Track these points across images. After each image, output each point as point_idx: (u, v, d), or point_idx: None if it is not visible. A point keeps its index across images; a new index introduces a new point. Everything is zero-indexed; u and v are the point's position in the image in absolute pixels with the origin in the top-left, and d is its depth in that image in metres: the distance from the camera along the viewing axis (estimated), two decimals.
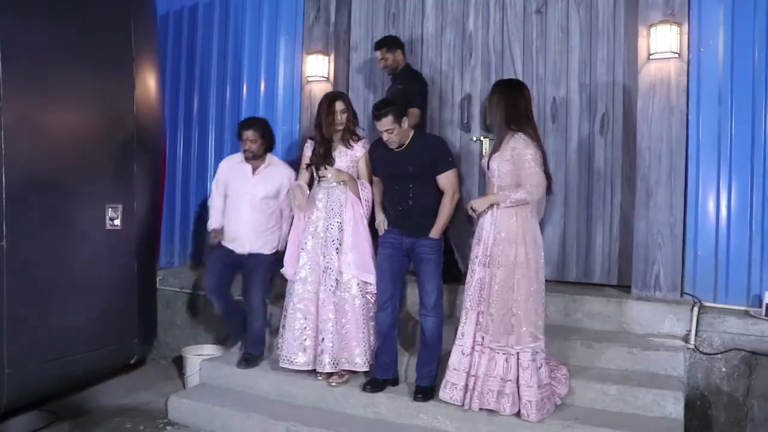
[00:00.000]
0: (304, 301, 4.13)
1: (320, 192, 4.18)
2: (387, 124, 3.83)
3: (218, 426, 4.10)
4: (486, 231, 3.61)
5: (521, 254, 3.51)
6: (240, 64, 5.70)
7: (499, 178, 3.59)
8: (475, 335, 3.59)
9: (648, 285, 4.22)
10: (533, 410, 3.48)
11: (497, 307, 3.51)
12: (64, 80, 4.23)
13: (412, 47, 5.27)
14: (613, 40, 4.59)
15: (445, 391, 3.67)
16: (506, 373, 3.53)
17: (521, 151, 3.53)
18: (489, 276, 3.55)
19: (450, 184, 3.89)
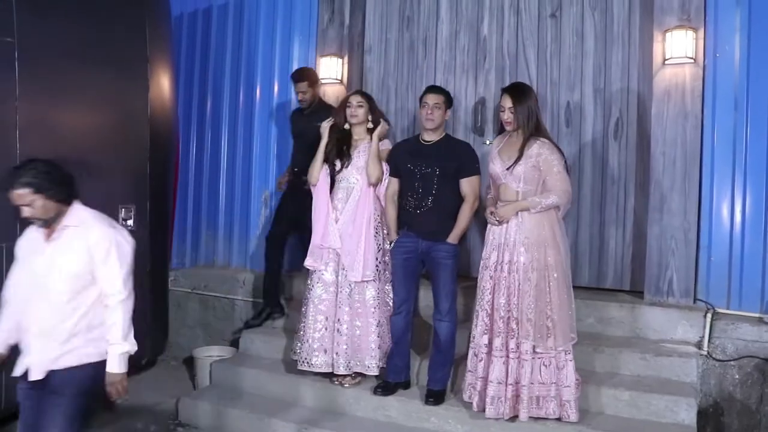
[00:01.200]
0: (324, 303, 4.12)
1: (340, 191, 4.16)
2: (438, 99, 3.93)
3: (228, 427, 4.12)
4: (511, 236, 3.57)
5: (552, 256, 3.51)
6: (254, 66, 5.71)
7: (525, 183, 3.57)
8: (508, 343, 3.54)
9: (661, 291, 4.19)
10: (573, 410, 3.49)
11: (535, 312, 3.48)
12: (78, 80, 4.26)
13: (426, 50, 5.27)
14: (628, 44, 4.57)
15: (492, 408, 3.55)
16: (547, 377, 3.52)
17: (548, 157, 3.54)
18: (520, 281, 3.52)
19: (472, 190, 3.90)
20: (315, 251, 4.18)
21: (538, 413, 3.53)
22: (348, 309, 4.05)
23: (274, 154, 5.61)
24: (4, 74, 3.81)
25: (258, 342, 4.77)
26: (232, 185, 5.85)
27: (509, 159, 3.62)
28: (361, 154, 4.15)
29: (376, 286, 4.07)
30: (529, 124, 3.60)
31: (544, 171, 3.55)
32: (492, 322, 3.60)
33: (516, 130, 3.64)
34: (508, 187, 3.63)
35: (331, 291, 4.12)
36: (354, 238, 4.05)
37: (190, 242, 6.08)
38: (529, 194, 3.57)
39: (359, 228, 4.05)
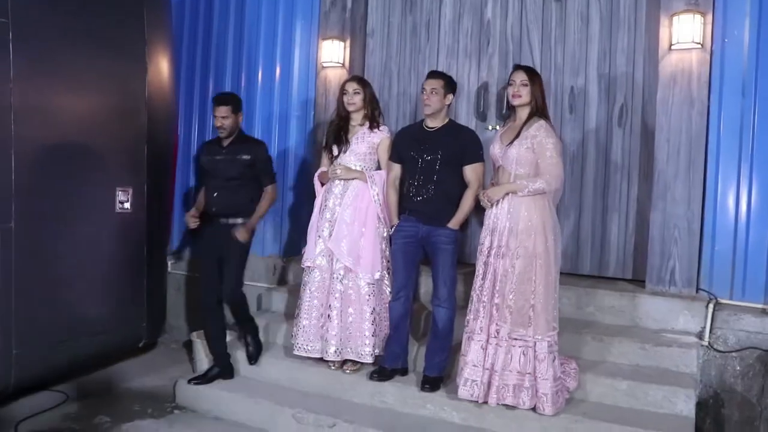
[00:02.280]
0: (320, 289, 4.12)
1: (339, 182, 4.15)
2: (435, 83, 3.87)
3: (225, 411, 4.12)
4: (501, 222, 3.54)
5: (540, 244, 3.47)
6: (256, 49, 5.65)
7: (518, 165, 3.53)
8: (489, 328, 3.52)
9: (663, 280, 4.13)
10: (548, 403, 3.44)
11: (516, 298, 3.45)
12: (75, 62, 4.22)
13: (428, 34, 5.20)
14: (634, 29, 4.49)
15: (465, 389, 3.56)
16: (524, 366, 3.47)
17: (543, 140, 3.49)
18: (505, 267, 3.49)
19: (476, 177, 3.86)
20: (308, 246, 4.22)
21: (513, 402, 3.51)
22: (339, 296, 4.03)
23: (276, 138, 5.56)
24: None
25: None
26: None
27: (508, 141, 3.59)
28: (359, 140, 4.14)
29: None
30: (537, 104, 3.57)
31: (537, 154, 3.50)
32: (479, 306, 3.58)
33: (523, 107, 3.60)
34: (504, 169, 3.60)
35: (326, 277, 4.11)
36: (356, 233, 4.03)
37: None
38: (521, 177, 3.53)
39: (362, 219, 4.05)
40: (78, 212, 4.27)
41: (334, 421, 3.74)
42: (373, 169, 4.17)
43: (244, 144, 4.38)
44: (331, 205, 4.13)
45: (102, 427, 3.93)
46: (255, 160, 4.32)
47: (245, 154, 4.31)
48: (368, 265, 4.00)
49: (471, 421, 3.64)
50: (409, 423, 3.71)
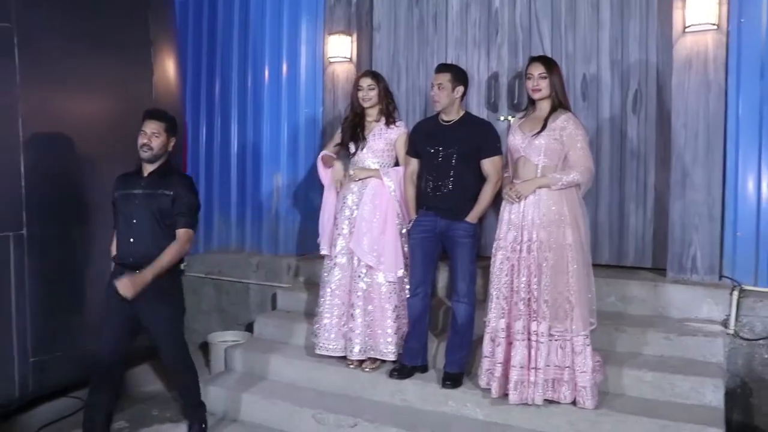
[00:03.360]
0: (341, 287, 4.09)
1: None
2: (442, 78, 3.81)
3: (243, 412, 4.11)
4: (528, 214, 3.48)
5: (570, 236, 3.42)
6: (262, 47, 5.62)
7: (545, 157, 3.47)
8: (527, 325, 3.46)
9: (684, 268, 4.07)
10: (588, 396, 3.39)
11: (551, 292, 3.40)
12: (80, 65, 4.17)
13: (436, 25, 5.15)
14: (646, 13, 4.42)
15: (515, 394, 3.46)
16: (563, 360, 3.43)
17: (573, 131, 3.45)
18: (538, 261, 3.43)
19: (495, 171, 3.79)
20: (324, 236, 4.21)
21: (552, 396, 3.46)
22: (361, 293, 4.00)
23: (285, 135, 5.53)
24: (3, 60, 3.73)
25: (272, 326, 4.74)
26: (243, 169, 5.79)
27: (531, 131, 3.53)
28: (376, 136, 4.11)
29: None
30: (558, 96, 3.52)
31: (566, 146, 3.45)
32: (510, 305, 3.51)
33: (544, 99, 3.54)
34: (527, 160, 3.54)
35: (346, 275, 4.08)
36: (376, 231, 3.99)
37: (202, 227, 6.01)
38: (548, 169, 3.47)
39: (382, 217, 4.00)
40: (87, 217, 4.23)
41: (355, 421, 3.71)
42: (391, 165, 4.13)
43: (169, 177, 3.62)
44: (350, 202, 4.08)
45: None
46: (176, 196, 3.55)
47: (167, 189, 3.55)
48: (390, 263, 3.95)
49: (495, 417, 3.59)
50: (431, 420, 3.67)
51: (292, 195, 5.51)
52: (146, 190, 3.53)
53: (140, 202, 3.51)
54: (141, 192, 3.52)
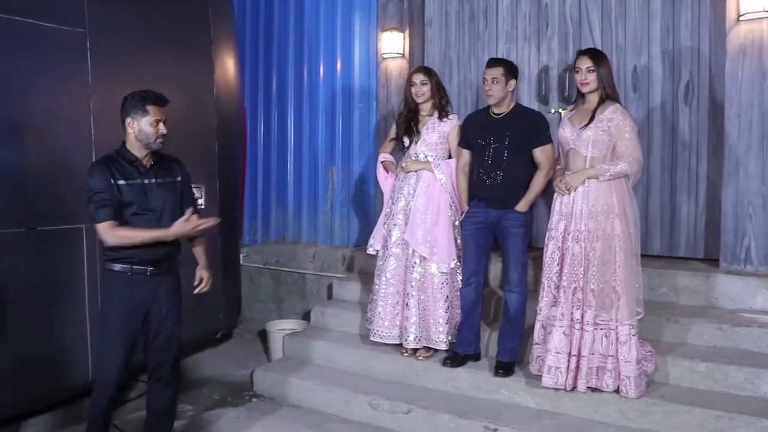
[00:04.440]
0: (395, 277, 4.18)
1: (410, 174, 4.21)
2: (495, 72, 3.85)
3: (301, 399, 4.22)
4: (577, 205, 3.53)
5: (618, 227, 3.45)
6: (316, 44, 5.74)
7: (594, 148, 3.50)
8: (573, 313, 3.51)
9: (738, 258, 4.04)
10: (632, 386, 3.42)
11: (597, 281, 3.44)
12: (147, 66, 4.36)
13: (486, 20, 5.19)
14: (698, 2, 4.37)
15: (549, 377, 3.55)
16: (606, 349, 3.47)
17: (620, 122, 3.47)
18: (585, 251, 3.48)
19: (547, 159, 3.83)
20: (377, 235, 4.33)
21: (596, 384, 3.50)
22: (415, 284, 4.09)
23: (340, 130, 5.64)
24: (77, 64, 3.95)
25: (329, 315, 4.86)
26: (299, 162, 5.93)
27: (580, 123, 3.57)
28: (429, 130, 4.18)
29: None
30: (606, 89, 3.54)
31: (615, 136, 3.47)
32: (559, 293, 3.56)
33: (593, 92, 3.57)
34: (576, 152, 3.58)
35: (401, 265, 4.17)
36: (429, 223, 4.07)
37: (260, 219, 6.20)
38: (597, 160, 3.50)
39: (435, 208, 4.08)
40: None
41: (409, 407, 3.80)
42: (445, 157, 4.20)
43: (168, 162, 3.35)
44: (406, 193, 4.18)
45: (185, 415, 4.07)
46: (183, 181, 3.36)
47: (177, 176, 3.33)
48: (443, 254, 4.03)
49: (546, 406, 3.64)
50: (483, 408, 3.73)
51: (347, 188, 5.62)
52: (157, 179, 3.21)
53: (155, 192, 3.17)
54: (151, 182, 3.18)
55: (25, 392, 3.73)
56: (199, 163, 4.78)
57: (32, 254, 3.77)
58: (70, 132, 3.93)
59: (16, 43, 3.65)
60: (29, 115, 3.73)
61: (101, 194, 3.02)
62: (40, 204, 3.79)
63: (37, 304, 3.78)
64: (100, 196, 3.02)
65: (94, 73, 3.99)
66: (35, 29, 3.73)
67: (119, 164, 3.12)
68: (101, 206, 3.01)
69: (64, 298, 3.90)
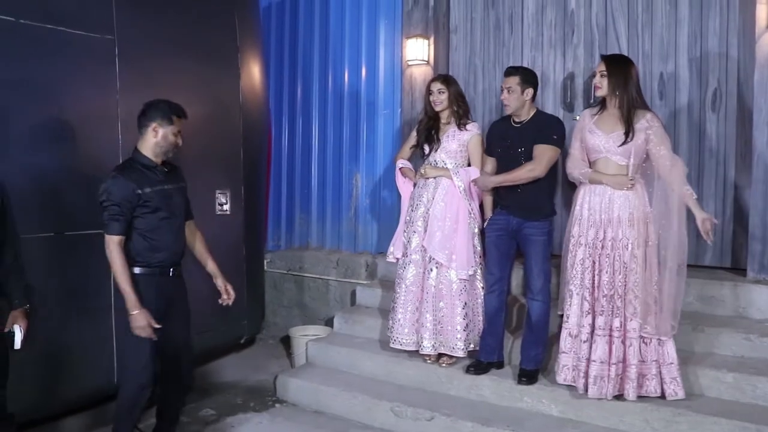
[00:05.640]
0: (415, 284, 4.20)
1: (430, 180, 4.23)
2: (510, 81, 3.87)
3: (324, 405, 4.24)
4: (615, 213, 3.50)
5: (654, 235, 3.45)
6: (341, 51, 5.77)
7: (634, 157, 3.49)
8: (612, 322, 3.49)
9: (766, 268, 3.99)
10: (680, 387, 3.42)
11: (642, 290, 3.43)
12: (174, 72, 4.43)
13: (512, 27, 5.18)
14: (727, 9, 4.33)
15: (594, 388, 3.50)
16: (648, 355, 3.47)
17: (658, 130, 3.48)
18: (624, 259, 3.46)
19: (540, 156, 3.81)
20: (397, 242, 4.35)
21: (639, 392, 3.47)
22: (432, 290, 4.10)
23: (364, 137, 5.67)
24: (106, 70, 4.01)
25: (352, 322, 4.88)
26: (323, 169, 5.96)
27: (612, 132, 3.54)
28: (449, 138, 4.20)
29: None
30: (620, 94, 3.51)
31: (654, 143, 3.46)
32: (594, 301, 3.54)
33: (606, 97, 3.57)
34: (609, 161, 3.55)
35: (420, 272, 4.18)
36: (447, 230, 4.07)
37: (284, 225, 6.24)
38: (635, 168, 3.50)
39: (454, 215, 4.09)
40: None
41: (432, 414, 3.80)
42: (464, 165, 4.21)
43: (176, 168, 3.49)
44: (425, 200, 4.19)
45: (208, 420, 4.12)
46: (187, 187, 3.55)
47: (183, 181, 3.50)
48: (462, 261, 4.04)
49: (569, 414, 3.63)
50: (506, 416, 3.72)
51: (370, 194, 5.64)
52: (173, 184, 3.37)
53: (175, 198, 3.35)
54: (171, 187, 3.34)
55: (51, 395, 3.78)
56: (225, 169, 4.83)
57: (60, 259, 3.82)
58: (98, 138, 3.99)
59: (47, 51, 3.72)
60: (59, 121, 3.80)
61: (117, 207, 3.11)
62: (69, 209, 3.85)
63: (65, 309, 3.83)
64: (115, 209, 3.11)
65: (122, 80, 4.05)
66: (65, 37, 3.80)
67: (140, 172, 3.22)
68: (115, 219, 3.12)
69: (91, 302, 3.95)
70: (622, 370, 3.48)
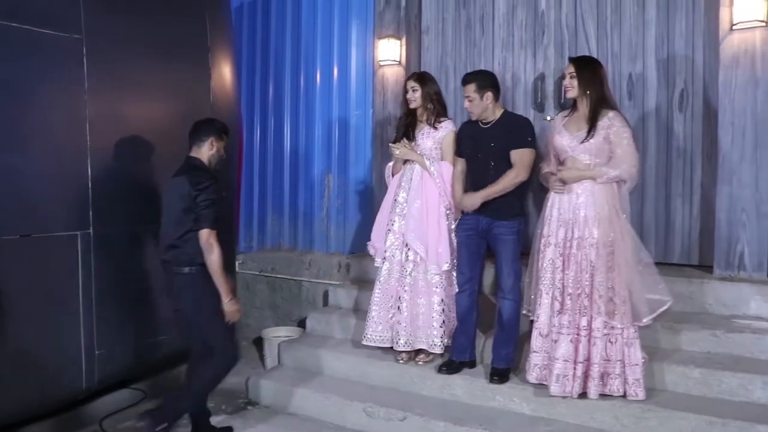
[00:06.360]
0: (390, 280, 4.20)
1: (407, 173, 4.24)
2: (468, 90, 3.91)
3: (296, 406, 4.22)
4: (581, 212, 3.54)
5: (620, 232, 3.48)
6: (313, 51, 5.77)
7: (596, 157, 3.54)
8: (579, 320, 3.52)
9: (732, 265, 4.07)
10: (641, 388, 3.44)
11: (606, 288, 3.46)
12: (143, 72, 4.38)
13: (483, 28, 5.21)
14: (692, 11, 4.41)
15: (557, 386, 3.54)
16: (614, 354, 3.49)
17: (619, 129, 3.51)
18: (590, 257, 3.49)
19: (521, 162, 3.85)
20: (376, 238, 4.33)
21: (602, 390, 3.51)
22: (410, 287, 4.11)
23: (336, 137, 5.66)
24: (73, 70, 3.95)
25: (324, 322, 4.86)
26: (295, 169, 5.95)
27: (578, 131, 3.59)
28: (424, 135, 4.22)
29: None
30: (590, 94, 3.56)
31: (613, 143, 3.51)
32: (562, 301, 3.57)
33: (576, 99, 3.61)
34: (576, 160, 3.60)
35: (396, 269, 4.18)
36: (423, 222, 4.09)
37: (256, 226, 6.21)
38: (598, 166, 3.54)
39: (428, 211, 4.10)
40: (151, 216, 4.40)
41: (405, 414, 3.80)
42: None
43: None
44: (401, 200, 4.20)
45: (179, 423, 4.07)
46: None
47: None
48: (437, 256, 4.05)
49: (541, 412, 3.65)
50: (478, 415, 3.73)
51: (343, 195, 5.64)
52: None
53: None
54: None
55: (20, 401, 3.71)
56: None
57: (27, 261, 3.76)
58: (65, 139, 3.93)
59: (12, 50, 3.65)
60: (25, 121, 3.73)
61: (216, 207, 3.53)
62: (35, 211, 3.79)
63: (32, 312, 3.77)
64: (216, 208, 3.53)
65: (90, 80, 4.00)
66: (31, 35, 3.73)
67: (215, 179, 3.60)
68: (215, 215, 3.52)
69: (59, 305, 3.90)
70: (586, 368, 3.51)
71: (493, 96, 3.93)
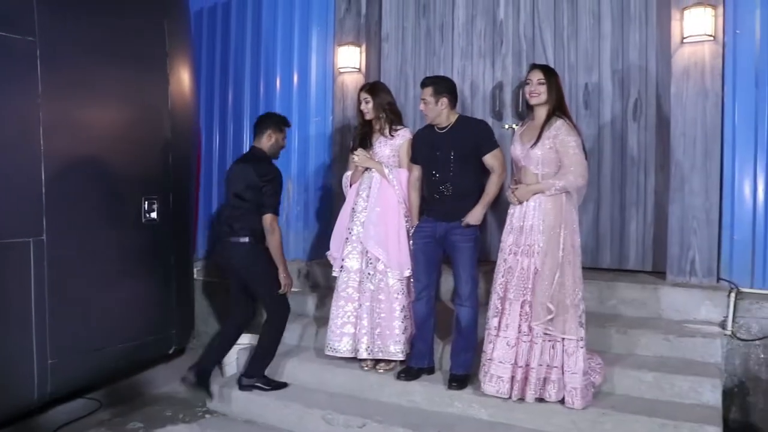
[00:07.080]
0: (348, 289, 4.20)
1: (365, 181, 4.24)
2: (425, 93, 3.93)
3: (255, 414, 4.18)
4: (528, 220, 3.59)
5: (565, 241, 3.51)
6: (273, 58, 5.75)
7: (543, 166, 3.57)
8: (520, 326, 3.56)
9: (683, 271, 4.17)
10: (578, 397, 3.47)
11: (546, 295, 3.48)
12: (99, 76, 4.31)
13: (443, 36, 5.27)
14: (646, 24, 4.53)
15: (491, 385, 3.60)
16: (552, 360, 3.52)
17: (564, 138, 3.53)
18: (534, 265, 3.53)
19: (499, 163, 3.89)
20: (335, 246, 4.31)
21: (540, 395, 3.55)
22: (369, 294, 4.11)
23: (295, 144, 5.63)
24: (27, 73, 3.86)
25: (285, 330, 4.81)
26: None
27: (529, 141, 3.63)
28: (381, 144, 4.23)
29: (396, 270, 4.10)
30: (554, 102, 3.61)
31: (560, 152, 3.54)
32: (503, 305, 3.61)
33: (541, 106, 3.64)
34: (527, 170, 3.64)
35: (355, 278, 4.18)
36: (382, 229, 4.10)
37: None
38: (547, 177, 3.56)
39: (388, 218, 4.11)
40: (107, 223, 4.36)
41: (364, 422, 3.79)
42: None
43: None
44: (359, 208, 4.21)
45: None
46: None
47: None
48: (395, 261, 4.06)
49: (499, 418, 3.67)
50: (437, 421, 3.74)
51: (302, 202, 5.62)
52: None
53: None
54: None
55: None
56: (153, 176, 4.73)
57: None
58: (18, 143, 3.84)
59: None
60: None
61: (279, 195, 4.14)
62: None
63: None
64: (279, 197, 4.14)
65: (44, 83, 3.92)
66: None
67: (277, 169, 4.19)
68: (278, 203, 4.14)
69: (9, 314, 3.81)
70: (526, 373, 3.56)
71: (448, 102, 3.95)
